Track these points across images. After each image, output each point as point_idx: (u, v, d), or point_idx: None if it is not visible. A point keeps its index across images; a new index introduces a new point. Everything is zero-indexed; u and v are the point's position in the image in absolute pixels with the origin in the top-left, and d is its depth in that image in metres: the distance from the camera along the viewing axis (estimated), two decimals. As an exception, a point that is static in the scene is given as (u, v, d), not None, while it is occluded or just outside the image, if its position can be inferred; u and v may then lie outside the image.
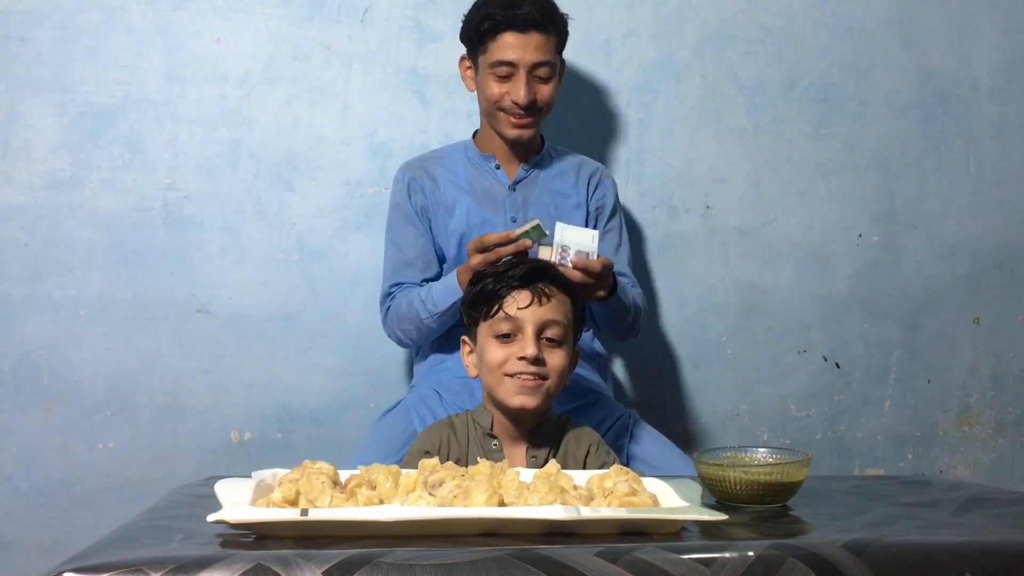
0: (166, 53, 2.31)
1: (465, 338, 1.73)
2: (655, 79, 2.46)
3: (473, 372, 1.71)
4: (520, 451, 1.64)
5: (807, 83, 2.51)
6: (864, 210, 2.53)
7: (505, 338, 1.62)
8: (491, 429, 1.65)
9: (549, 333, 1.63)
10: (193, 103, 2.31)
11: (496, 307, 1.63)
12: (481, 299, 1.66)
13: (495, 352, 1.62)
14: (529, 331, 1.61)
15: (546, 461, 1.55)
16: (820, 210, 2.51)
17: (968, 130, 2.57)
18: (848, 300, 2.52)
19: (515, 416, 1.63)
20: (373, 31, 2.37)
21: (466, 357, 1.73)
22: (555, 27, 2.06)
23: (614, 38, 2.44)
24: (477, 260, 1.82)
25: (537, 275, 1.66)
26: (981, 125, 2.57)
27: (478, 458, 1.41)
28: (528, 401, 1.60)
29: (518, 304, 1.62)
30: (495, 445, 1.64)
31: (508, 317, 1.62)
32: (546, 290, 1.64)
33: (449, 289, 1.98)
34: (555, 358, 1.62)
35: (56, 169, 2.28)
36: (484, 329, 1.65)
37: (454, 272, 1.99)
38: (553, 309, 1.64)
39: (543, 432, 1.65)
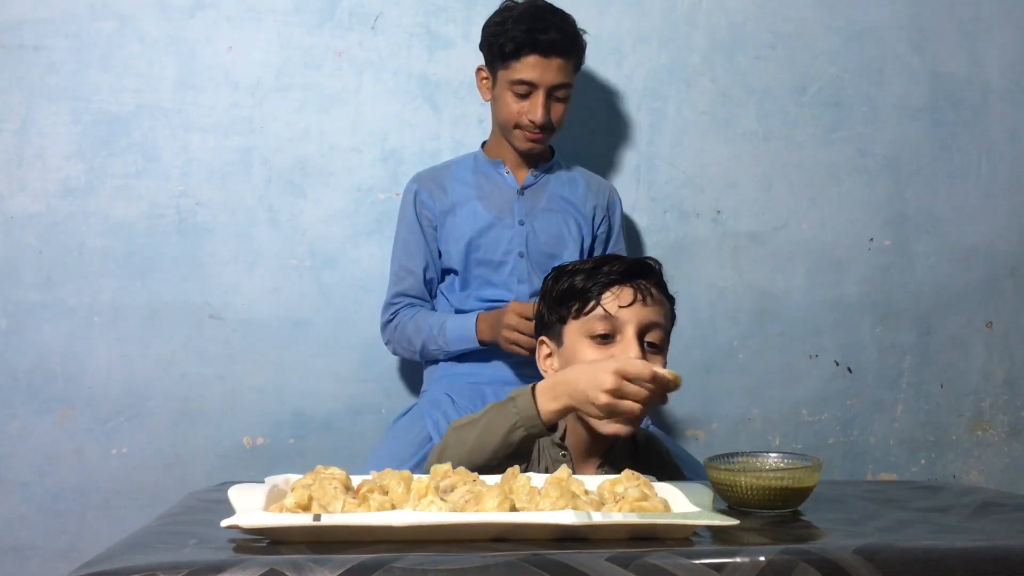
0: (179, 61, 2.32)
1: (545, 339, 1.51)
2: (665, 84, 2.46)
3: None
4: (590, 467, 1.46)
5: (818, 88, 2.51)
6: (876, 214, 2.52)
7: (602, 340, 1.41)
8: (562, 439, 1.46)
9: (651, 337, 1.42)
10: (205, 110, 2.33)
11: (592, 303, 1.41)
12: (570, 295, 1.44)
13: (591, 357, 1.39)
14: (630, 333, 1.40)
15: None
16: (831, 214, 2.51)
17: (980, 134, 2.56)
18: (860, 304, 2.52)
19: (600, 436, 1.42)
20: (384, 38, 2.38)
21: (543, 361, 1.50)
22: (575, 52, 2.12)
23: (624, 43, 2.45)
24: (516, 322, 1.86)
25: (641, 271, 1.45)
26: (993, 129, 2.56)
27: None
28: (622, 429, 1.38)
29: (619, 302, 1.41)
30: (564, 456, 1.45)
31: (607, 316, 1.40)
32: (651, 289, 1.43)
33: (465, 337, 2.03)
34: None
35: (70, 176, 2.29)
36: (574, 328, 1.43)
37: (473, 319, 2.03)
38: (656, 311, 1.42)
39: (618, 447, 1.47)
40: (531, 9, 2.08)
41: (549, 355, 1.50)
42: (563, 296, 1.46)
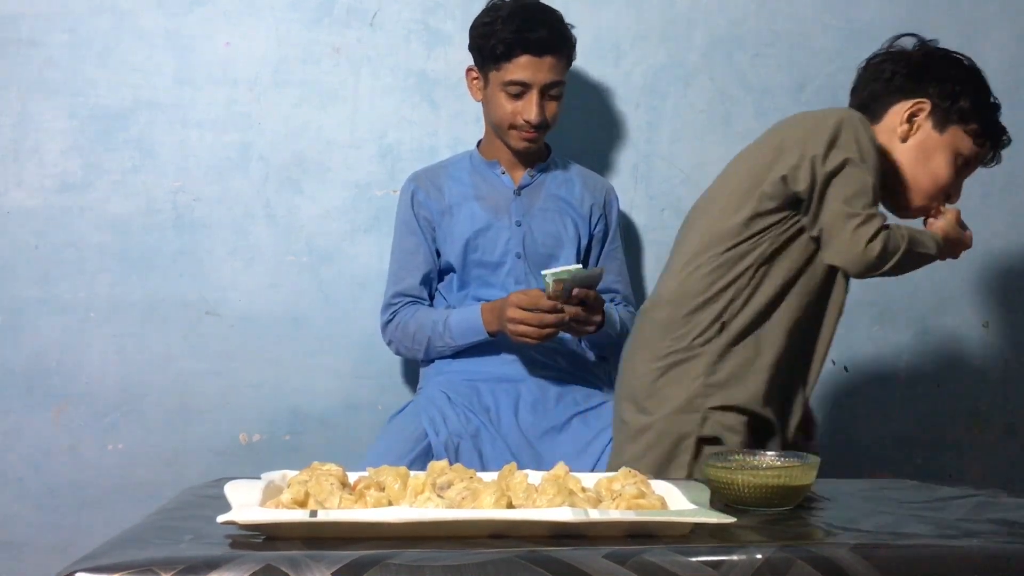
0: (176, 56, 2.32)
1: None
2: (664, 82, 2.46)
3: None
4: None
5: (816, 86, 2.51)
6: (873, 213, 2.52)
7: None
8: None
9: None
10: (203, 106, 2.32)
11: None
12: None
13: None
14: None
15: None
16: (829, 213, 2.50)
17: (978, 133, 2.56)
18: (857, 304, 2.51)
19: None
20: (382, 34, 2.37)
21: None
22: (566, 49, 2.11)
23: (623, 41, 2.45)
24: (519, 315, 1.91)
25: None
26: (991, 128, 2.56)
27: None
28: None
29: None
30: None
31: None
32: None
33: (472, 328, 2.03)
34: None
35: (67, 172, 2.29)
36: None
37: (478, 309, 2.03)
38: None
39: None
40: (519, 8, 2.06)
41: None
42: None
